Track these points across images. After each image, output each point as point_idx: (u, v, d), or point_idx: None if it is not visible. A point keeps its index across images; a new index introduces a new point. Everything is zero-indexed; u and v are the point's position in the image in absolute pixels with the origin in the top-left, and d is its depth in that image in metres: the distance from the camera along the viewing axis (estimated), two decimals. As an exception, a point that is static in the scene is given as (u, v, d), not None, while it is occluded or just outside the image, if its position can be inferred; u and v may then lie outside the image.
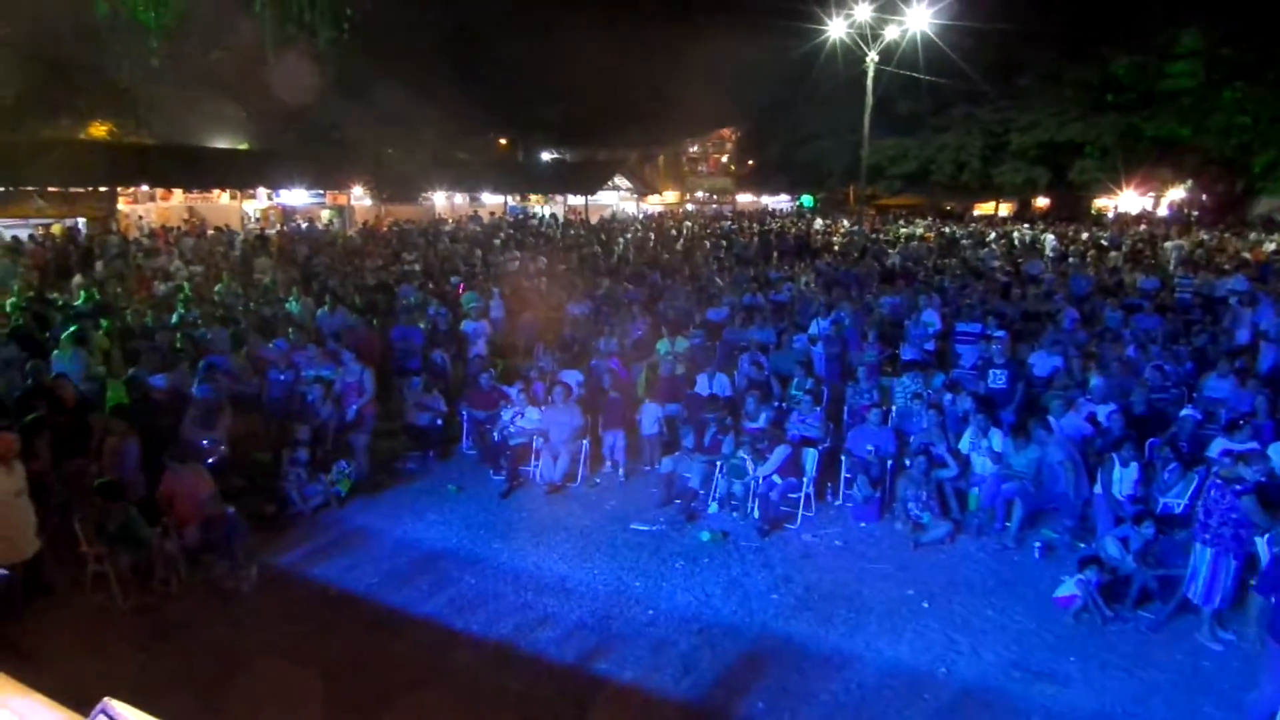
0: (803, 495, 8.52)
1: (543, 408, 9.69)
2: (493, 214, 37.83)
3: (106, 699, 2.02)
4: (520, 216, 37.34)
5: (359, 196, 34.96)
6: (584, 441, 9.54)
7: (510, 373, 11.31)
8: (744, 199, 61.22)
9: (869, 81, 29.97)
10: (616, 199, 47.75)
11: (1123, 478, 7.69)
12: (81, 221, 24.57)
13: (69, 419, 7.99)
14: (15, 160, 24.32)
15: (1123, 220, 41.13)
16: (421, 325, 12.73)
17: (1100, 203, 46.80)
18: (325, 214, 34.63)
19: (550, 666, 6.11)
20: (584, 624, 6.64)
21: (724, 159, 67.80)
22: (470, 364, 11.77)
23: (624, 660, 6.14)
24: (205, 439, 8.34)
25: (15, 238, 20.77)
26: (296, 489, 8.39)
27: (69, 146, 28.32)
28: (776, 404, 9.82)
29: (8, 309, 12.73)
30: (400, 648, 6.27)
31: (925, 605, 6.92)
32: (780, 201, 60.09)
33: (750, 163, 63.78)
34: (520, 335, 13.61)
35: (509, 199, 42.03)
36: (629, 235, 29.63)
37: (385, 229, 29.37)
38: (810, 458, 8.76)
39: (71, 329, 10.51)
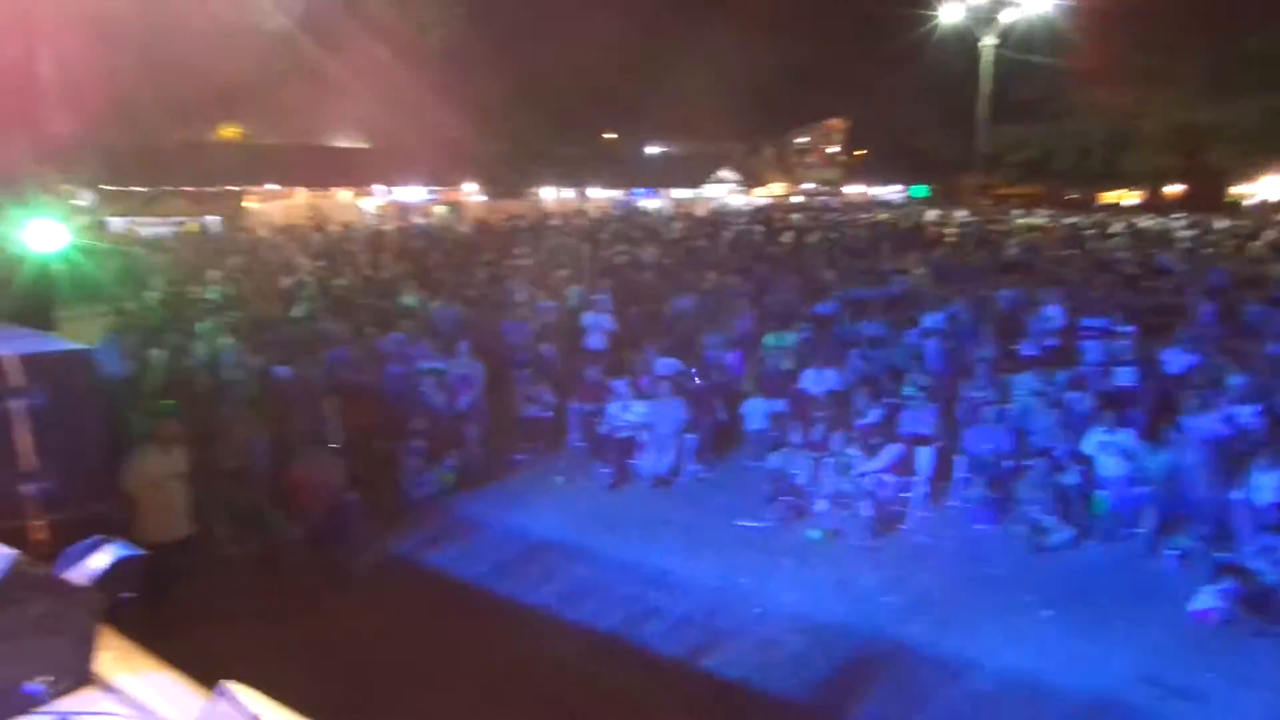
0: (916, 495, 8.29)
1: (648, 401, 9.72)
2: (599, 208, 38.21)
3: (223, 681, 2.11)
4: (628, 211, 37.57)
5: (471, 193, 35.83)
6: (689, 435, 9.52)
7: (617, 366, 11.37)
8: (853, 190, 60.05)
9: (986, 66, 28.90)
10: (723, 192, 47.54)
11: (1266, 483, 7.19)
12: (215, 219, 25.97)
13: (203, 407, 8.44)
14: (157, 163, 25.88)
15: (1264, 208, 38.51)
16: (530, 319, 12.94)
17: (1238, 189, 43.95)
18: (439, 210, 35.63)
19: (656, 660, 6.12)
20: (690, 619, 6.63)
21: (832, 150, 66.60)
22: (581, 357, 11.90)
23: (731, 658, 6.10)
24: (325, 428, 8.67)
25: (157, 235, 22.11)
26: (410, 478, 8.66)
27: (203, 149, 29.96)
28: (888, 400, 9.59)
29: (149, 303, 13.55)
30: (509, 636, 6.38)
31: (1047, 613, 6.64)
32: (891, 193, 58.70)
33: (859, 153, 62.50)
34: (627, 329, 13.66)
35: (617, 193, 42.35)
36: (735, 228, 29.43)
37: (497, 224, 29.99)
38: (924, 456, 8.52)
39: (207, 322, 11.11)
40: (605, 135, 56.18)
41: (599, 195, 41.63)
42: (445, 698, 5.51)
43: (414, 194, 34.74)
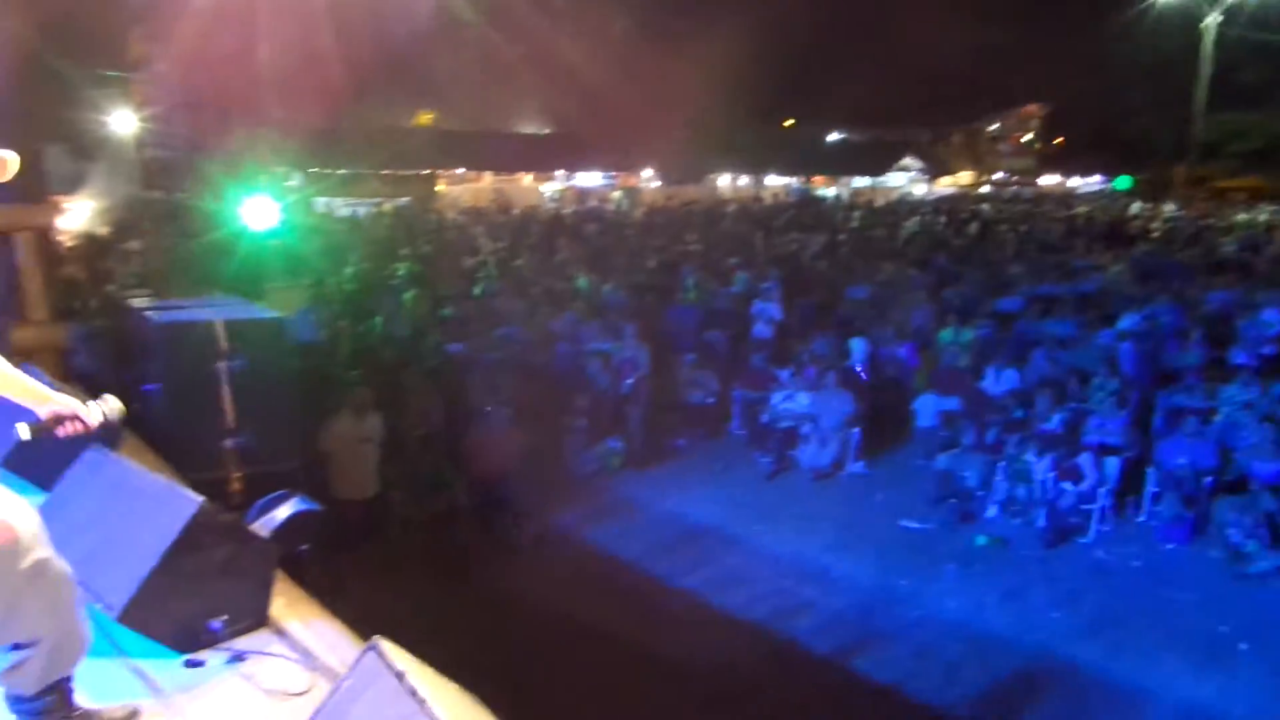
0: (1098, 507, 7.72)
1: (814, 392, 9.52)
2: (775, 196, 37.74)
3: (376, 637, 2.22)
4: (803, 199, 36.94)
5: (648, 179, 36.26)
6: (855, 430, 9.26)
7: (784, 355, 11.21)
8: (1048, 181, 56.40)
9: (1207, 48, 26.37)
10: (905, 180, 45.85)
11: None
12: (407, 201, 27.52)
13: (388, 377, 8.98)
14: (358, 147, 27.64)
15: None
16: (698, 305, 12.97)
17: None
18: (615, 195, 36.29)
19: (805, 655, 6.02)
20: (843, 617, 6.47)
21: (1027, 138, 62.77)
22: (747, 345, 11.82)
23: (884, 660, 5.90)
24: (494, 404, 9.04)
25: (354, 214, 23.68)
26: (575, 455, 8.89)
27: (400, 134, 31.76)
28: (1073, 405, 8.96)
29: (344, 278, 14.53)
30: (660, 618, 6.44)
31: (1243, 646, 6.03)
32: (1091, 184, 54.69)
33: (1057, 141, 58.59)
34: (794, 318, 13.44)
35: (792, 181, 41.71)
36: (917, 218, 28.33)
37: (671, 210, 30.22)
38: (1110, 466, 7.91)
39: (400, 297, 11.81)
40: (785, 122, 55.36)
41: (775, 183, 41.12)
42: (590, 671, 5.61)
43: (592, 179, 35.53)
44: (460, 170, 32.00)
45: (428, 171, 29.44)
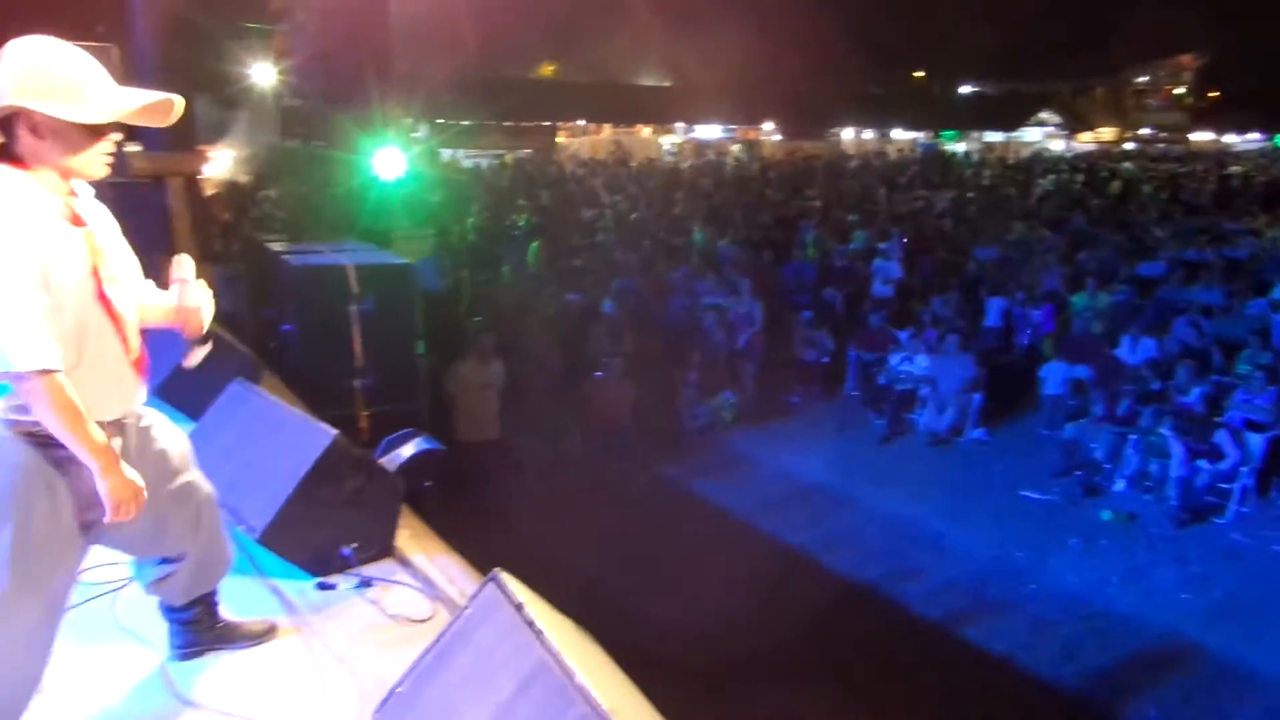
0: (1238, 487, 7.27)
1: (934, 355, 9.26)
2: (900, 151, 36.51)
3: (498, 569, 2.30)
4: (931, 154, 35.59)
5: (768, 132, 35.61)
6: (976, 395, 8.96)
7: (903, 315, 10.92)
8: (1200, 138, 52.54)
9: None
10: (1041, 135, 43.54)
11: None
12: (528, 153, 27.86)
13: (509, 324, 9.20)
14: (482, 98, 28.09)
15: None
16: (816, 261, 12.74)
17: None
18: (735, 148, 35.80)
19: (914, 620, 5.93)
20: (955, 585, 6.34)
21: (1178, 91, 58.45)
22: (865, 304, 11.57)
23: (996, 631, 5.76)
24: (610, 354, 9.14)
25: (477, 165, 24.14)
26: (687, 408, 8.93)
27: (523, 86, 32.09)
28: (1216, 378, 8.43)
29: (467, 227, 14.88)
30: (767, 574, 6.44)
31: (1397, 642, 5.62)
32: (1248, 142, 50.67)
33: (1212, 95, 54.37)
34: (916, 278, 13.06)
35: (919, 135, 40.22)
36: (1052, 176, 26.95)
37: (791, 164, 29.64)
38: (1254, 444, 7.43)
39: (520, 247, 12.05)
40: (914, 74, 53.15)
41: (902, 137, 39.73)
42: (696, 619, 5.67)
43: (711, 132, 35.13)
44: (580, 122, 32.15)
45: (548, 123, 29.69)
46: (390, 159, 8.64)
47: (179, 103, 2.12)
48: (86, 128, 2.02)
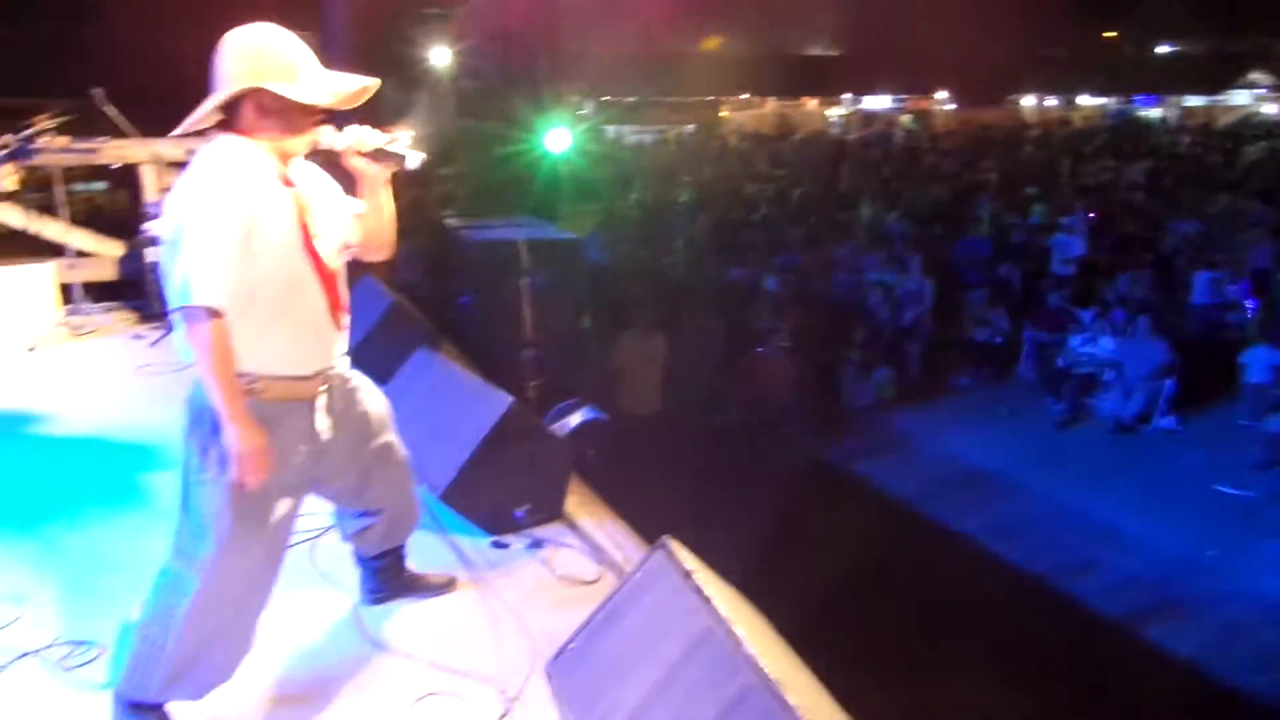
0: None
1: (1120, 337, 8.68)
2: (1087, 119, 34.14)
3: (666, 537, 2.36)
4: (1121, 121, 33.11)
5: (941, 101, 34.11)
6: (1167, 380, 8.35)
7: (1086, 295, 10.29)
8: None
9: None
10: (1250, 99, 39.59)
11: None
12: (691, 128, 27.86)
13: (672, 299, 9.32)
14: (645, 74, 28.25)
15: None
16: (991, 237, 12.17)
17: None
18: (904, 119, 34.52)
19: (1089, 616, 5.64)
20: (1137, 582, 5.97)
21: None
22: (1044, 282, 10.98)
23: (1182, 633, 5.39)
24: (772, 330, 9.10)
25: (641, 141, 24.37)
26: (849, 386, 8.78)
27: (686, 60, 31.99)
28: None
29: (631, 204, 15.10)
30: (930, 558, 6.29)
31: None
32: None
33: None
34: (1102, 254, 12.25)
35: (1109, 100, 37.44)
36: (1263, 143, 24.52)
37: (965, 135, 28.32)
38: None
39: (683, 222, 12.13)
40: (1104, 33, 49.31)
41: (1089, 103, 37.09)
42: (853, 598, 5.58)
43: (880, 103, 33.99)
44: (745, 96, 31.82)
45: (712, 98, 29.56)
46: (558, 136, 8.88)
47: (375, 86, 2.27)
48: (304, 108, 2.20)
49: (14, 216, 6.82)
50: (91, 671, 2.69)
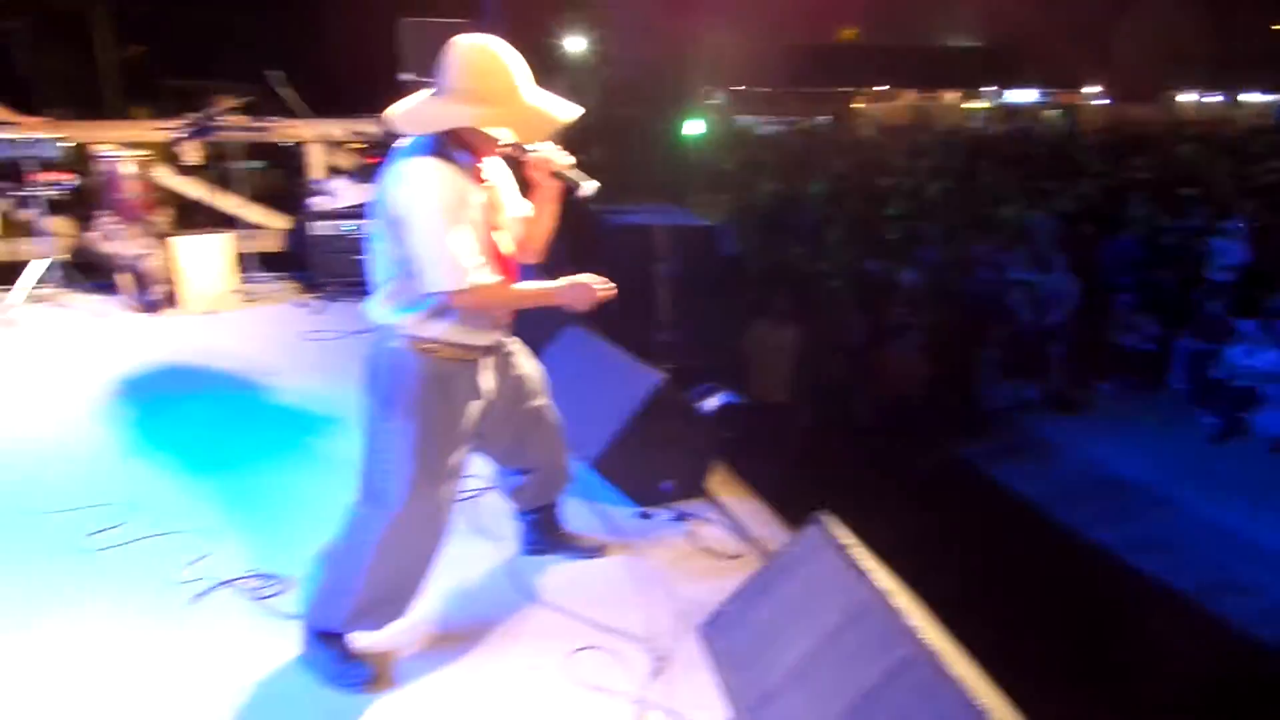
0: None
1: (1285, 350, 8.17)
2: (1259, 116, 31.89)
3: (819, 511, 2.43)
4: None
5: (1090, 96, 32.52)
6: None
7: (1247, 303, 9.69)
8: None
9: None
10: None
11: None
12: (825, 119, 27.47)
13: (803, 290, 9.28)
14: (779, 65, 28.02)
15: None
16: (1143, 239, 11.58)
17: None
18: (1050, 115, 33.08)
19: (1236, 638, 5.37)
20: (1290, 605, 5.65)
21: None
22: (1200, 288, 10.40)
23: (1342, 660, 5.09)
24: (906, 326, 8.94)
25: (774, 133, 24.21)
26: (986, 387, 8.56)
27: (821, 51, 31.54)
28: None
29: (762, 194, 15.03)
30: (1067, 567, 6.10)
31: None
32: None
33: None
34: (1268, 260, 11.49)
35: (1276, 99, 34.86)
36: None
37: (1115, 130, 26.93)
38: None
39: (815, 214, 12.04)
40: (1274, 25, 45.83)
41: (1256, 100, 34.63)
42: (982, 603, 5.48)
43: (1025, 97, 32.65)
44: (881, 88, 31.14)
45: (847, 89, 29.06)
46: (691, 125, 8.96)
47: (575, 117, 2.40)
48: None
49: (196, 189, 7.40)
50: (280, 602, 2.95)
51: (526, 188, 2.65)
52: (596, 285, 2.45)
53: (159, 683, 2.58)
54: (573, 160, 2.55)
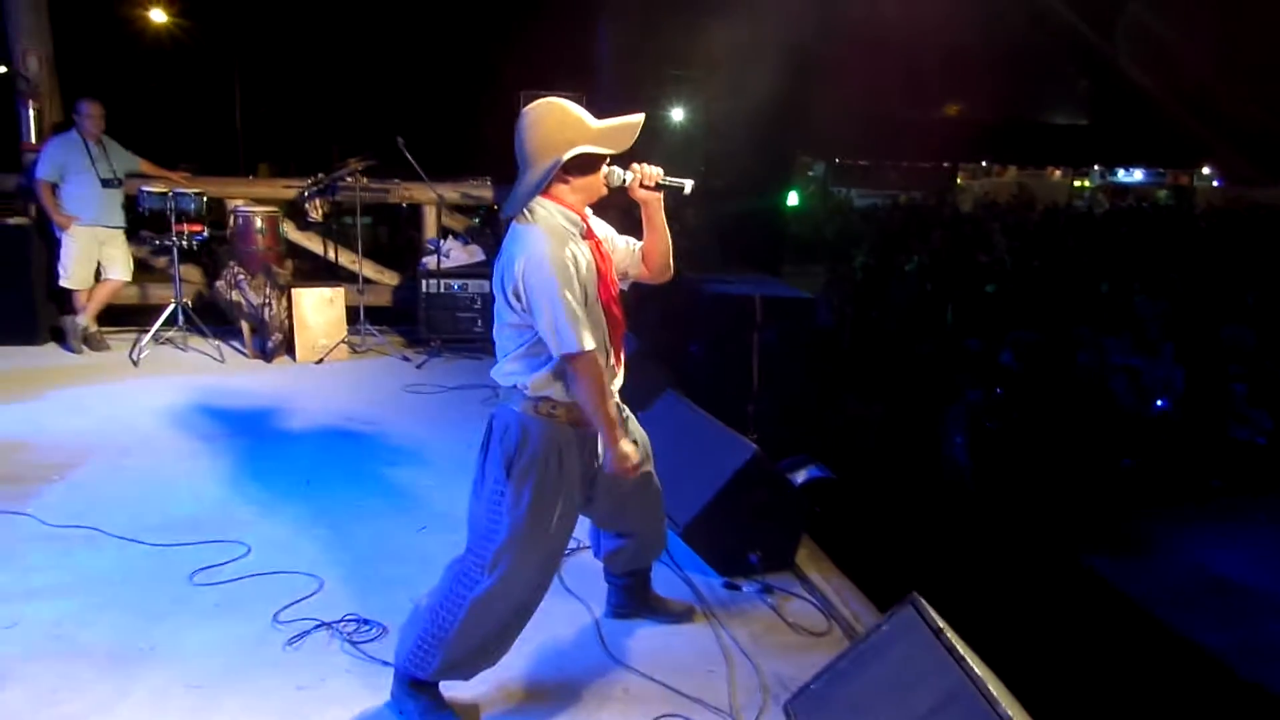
0: None
1: None
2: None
3: (914, 593, 2.41)
4: None
5: (1206, 177, 31.53)
6: None
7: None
8: None
9: None
10: None
11: None
12: (923, 194, 27.32)
13: (892, 365, 9.20)
14: (880, 138, 28.03)
15: None
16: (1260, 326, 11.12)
17: None
18: (1161, 194, 32.17)
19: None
20: None
21: None
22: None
23: None
24: (1006, 405, 8.74)
25: (871, 205, 24.19)
26: (1088, 472, 8.27)
27: (922, 126, 31.46)
28: None
29: (856, 266, 15.00)
30: (1170, 670, 5.79)
31: None
32: None
33: None
34: None
35: None
36: None
37: (1235, 212, 26.01)
38: None
39: (908, 288, 11.96)
40: None
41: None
42: (1082, 701, 5.26)
43: (1134, 176, 31.88)
44: (983, 163, 30.85)
45: (948, 164, 28.89)
46: (791, 196, 9.05)
47: (641, 120, 2.52)
48: (601, 157, 2.49)
49: (316, 244, 7.83)
50: (375, 647, 3.06)
51: (635, 220, 2.75)
52: (629, 469, 2.60)
53: (249, 720, 2.68)
54: (661, 170, 2.65)
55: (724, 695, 2.86)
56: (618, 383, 2.74)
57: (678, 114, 11.89)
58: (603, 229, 2.71)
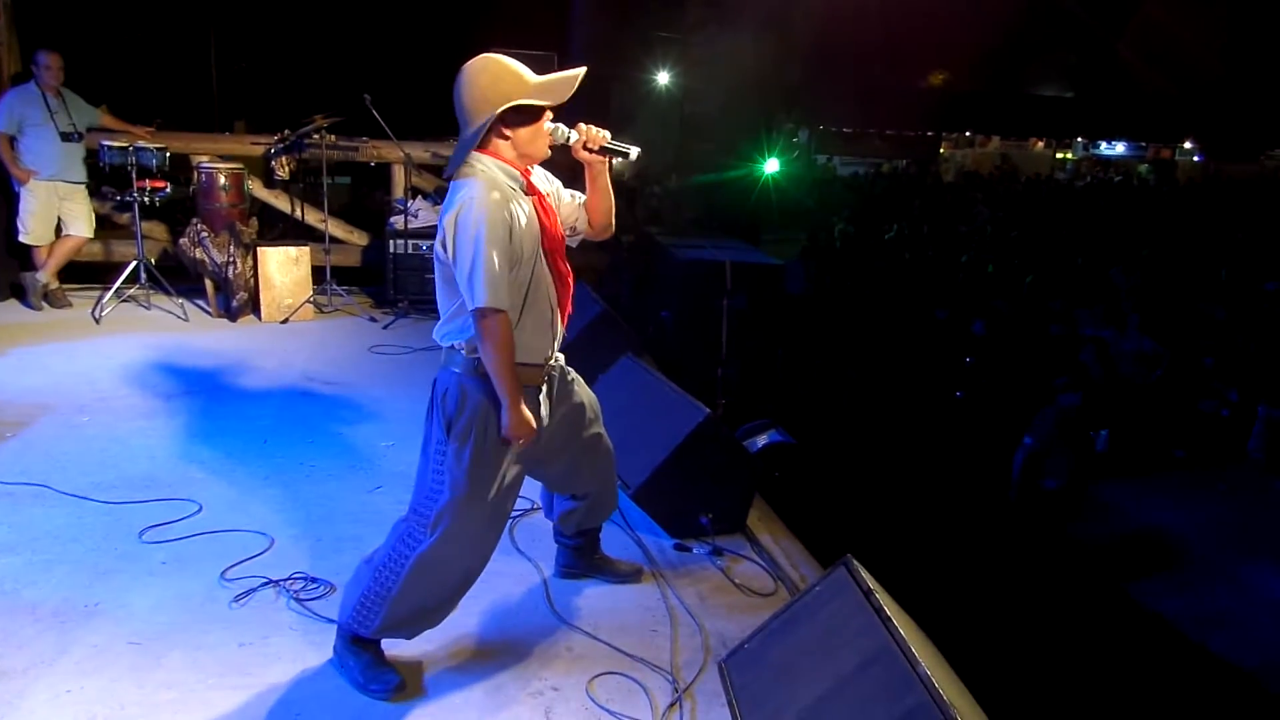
0: None
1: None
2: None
3: (849, 555, 2.44)
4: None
5: (1187, 152, 31.63)
6: None
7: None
8: None
9: None
10: None
11: None
12: (905, 162, 27.27)
13: (867, 334, 9.23)
14: (864, 107, 27.93)
15: None
16: (1229, 301, 11.22)
17: None
18: (1141, 168, 32.27)
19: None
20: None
21: None
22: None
23: None
24: (974, 374, 8.81)
25: (853, 174, 24.13)
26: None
27: (907, 95, 31.32)
28: None
29: (835, 235, 15.00)
30: (1122, 637, 5.91)
31: None
32: None
33: None
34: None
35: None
36: None
37: (1210, 188, 26.15)
38: None
39: (887, 258, 11.95)
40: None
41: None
42: (1028, 661, 5.34)
43: (1116, 149, 31.93)
44: (967, 133, 30.80)
45: (932, 134, 28.82)
46: (769, 163, 9.00)
47: (582, 73, 2.48)
48: (540, 110, 2.46)
49: (284, 202, 7.73)
50: (321, 605, 3.06)
51: (578, 176, 2.70)
52: (524, 436, 2.51)
53: (191, 677, 2.68)
54: (608, 134, 2.61)
55: (666, 654, 2.89)
56: (560, 340, 2.72)
57: (662, 77, 11.75)
58: (548, 183, 2.68)
